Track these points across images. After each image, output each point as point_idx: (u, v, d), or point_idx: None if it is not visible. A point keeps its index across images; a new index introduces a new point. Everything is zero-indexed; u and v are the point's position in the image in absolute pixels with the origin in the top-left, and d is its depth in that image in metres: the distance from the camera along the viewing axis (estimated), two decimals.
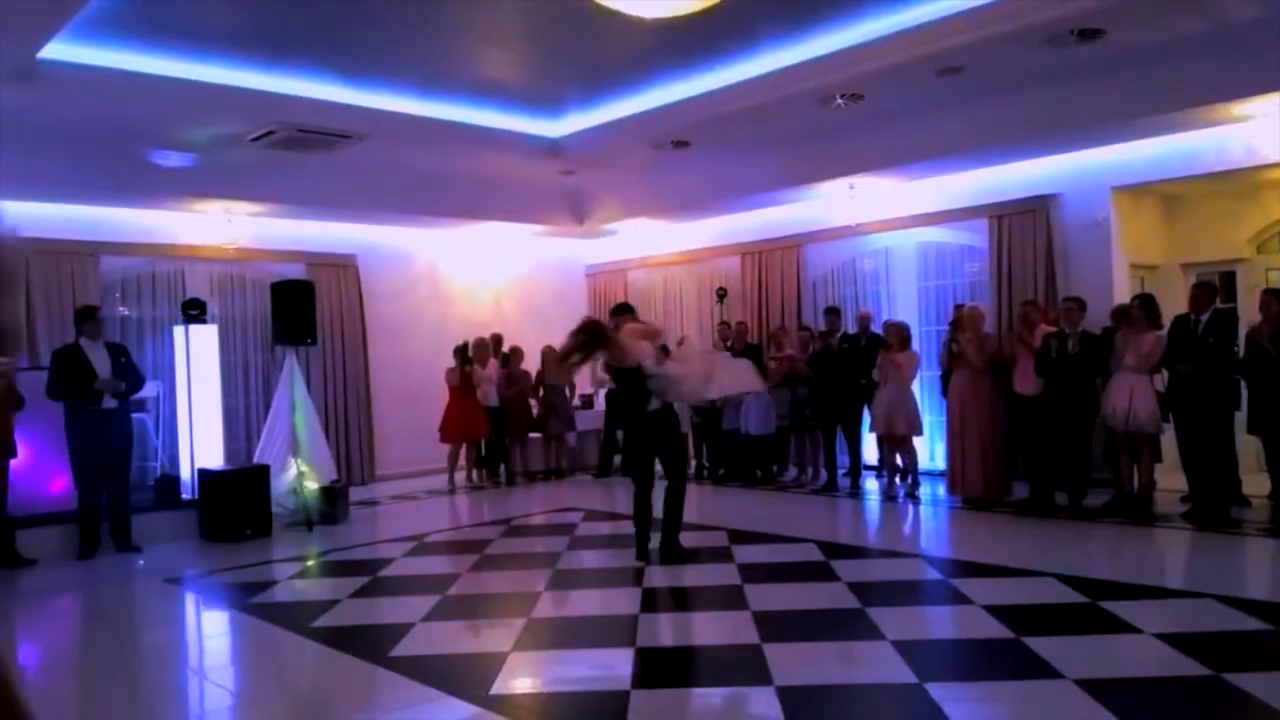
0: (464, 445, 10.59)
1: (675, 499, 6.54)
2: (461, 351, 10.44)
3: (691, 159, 9.89)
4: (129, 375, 7.49)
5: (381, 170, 9.91)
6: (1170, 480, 7.70)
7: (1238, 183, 8.52)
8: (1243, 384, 7.17)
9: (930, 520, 8.06)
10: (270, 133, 8.29)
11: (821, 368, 9.43)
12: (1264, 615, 4.74)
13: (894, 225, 10.19)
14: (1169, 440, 7.53)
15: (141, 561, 7.29)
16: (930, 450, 9.84)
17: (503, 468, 10.95)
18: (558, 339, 12.04)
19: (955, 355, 8.19)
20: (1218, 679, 3.91)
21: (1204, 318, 7.03)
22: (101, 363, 7.32)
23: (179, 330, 8.69)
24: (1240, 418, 7.21)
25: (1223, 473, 7.04)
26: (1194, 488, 7.18)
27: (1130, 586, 5.38)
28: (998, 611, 4.97)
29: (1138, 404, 7.17)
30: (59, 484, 7.67)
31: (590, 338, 6.08)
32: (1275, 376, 6.72)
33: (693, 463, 10.80)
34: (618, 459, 10.78)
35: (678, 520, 6.56)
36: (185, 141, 8.58)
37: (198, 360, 8.59)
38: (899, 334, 8.70)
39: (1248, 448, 7.70)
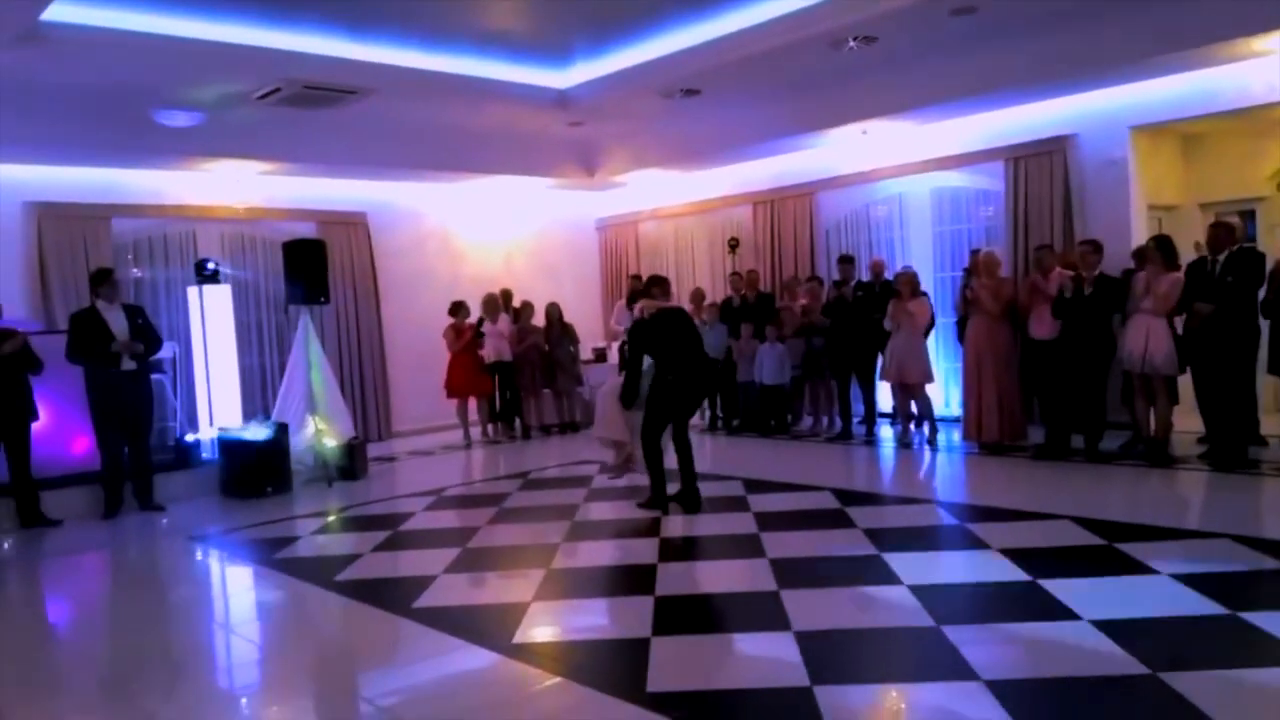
0: (471, 400, 10.64)
1: (686, 447, 6.60)
2: (458, 308, 10.47)
3: (702, 107, 9.77)
4: (147, 336, 7.53)
5: (389, 126, 9.83)
6: (1187, 422, 7.67)
7: (1258, 120, 8.34)
8: (1263, 323, 7.09)
9: (946, 466, 8.07)
10: (276, 90, 8.23)
11: (836, 316, 9.40)
12: None
13: (908, 170, 10.06)
14: (1186, 382, 7.49)
15: (165, 520, 7.40)
16: (945, 396, 9.83)
17: (518, 422, 11.03)
18: (569, 293, 12.24)
19: (971, 301, 8.13)
20: (1235, 618, 3.93)
21: (1221, 257, 6.94)
22: (118, 325, 7.36)
23: (193, 291, 8.72)
24: (1260, 358, 7.14)
25: (1241, 413, 7.00)
26: (1210, 430, 7.15)
27: (1146, 528, 5.39)
28: (1014, 555, 4.99)
29: (1154, 346, 7.12)
30: (81, 445, 7.76)
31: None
32: None
33: (707, 413, 10.84)
34: None
35: (693, 467, 6.62)
36: (192, 100, 8.52)
37: (212, 320, 8.62)
38: (909, 282, 8.63)
39: (1266, 387, 7.63)
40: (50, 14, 6.35)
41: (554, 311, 11.13)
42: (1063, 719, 3.22)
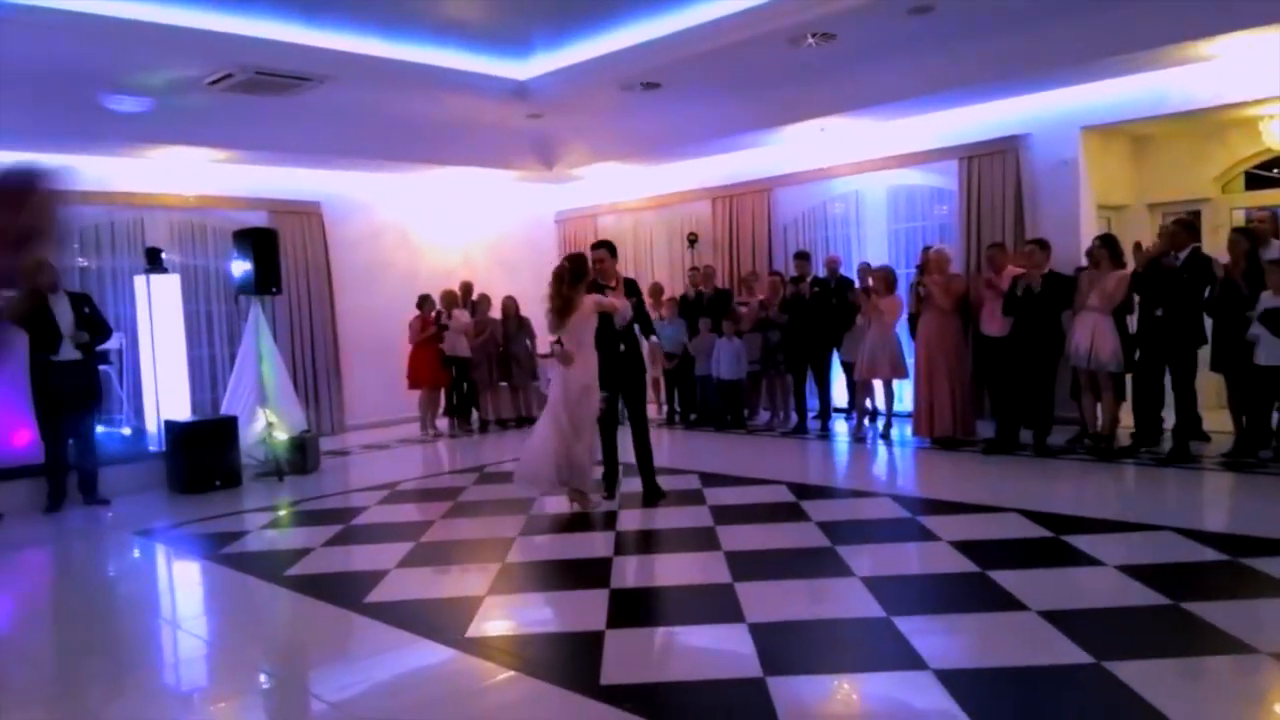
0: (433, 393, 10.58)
1: (644, 442, 6.64)
2: (424, 301, 10.40)
3: (661, 101, 9.76)
4: (93, 325, 7.35)
5: (344, 115, 9.69)
6: (1132, 419, 7.82)
7: (1205, 123, 8.55)
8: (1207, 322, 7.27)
9: (898, 460, 8.17)
10: (228, 76, 8.07)
11: (792, 312, 9.46)
12: (1221, 546, 4.87)
13: (864, 168, 10.15)
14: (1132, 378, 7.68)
15: (110, 514, 7.24)
16: (899, 391, 9.93)
17: (474, 416, 10.96)
18: (527, 287, 12.16)
19: (923, 297, 8.24)
20: (1176, 608, 4.02)
21: (1182, 255, 7.09)
22: (63, 314, 7.19)
23: (140, 280, 8.54)
24: (1203, 355, 7.31)
25: (1185, 410, 7.17)
26: (1148, 425, 7.33)
27: (1092, 521, 5.50)
28: (963, 547, 5.07)
29: (1100, 343, 7.26)
30: (23, 437, 7.56)
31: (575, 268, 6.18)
32: (1241, 315, 6.82)
33: (664, 408, 10.87)
34: None
35: (650, 462, 6.69)
36: (140, 85, 8.32)
37: (160, 311, 8.45)
38: (885, 279, 8.69)
39: (1209, 385, 7.82)
40: None
41: (510, 305, 11.07)
42: (1010, 707, 3.27)
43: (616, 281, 6.68)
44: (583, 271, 6.25)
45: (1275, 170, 8.80)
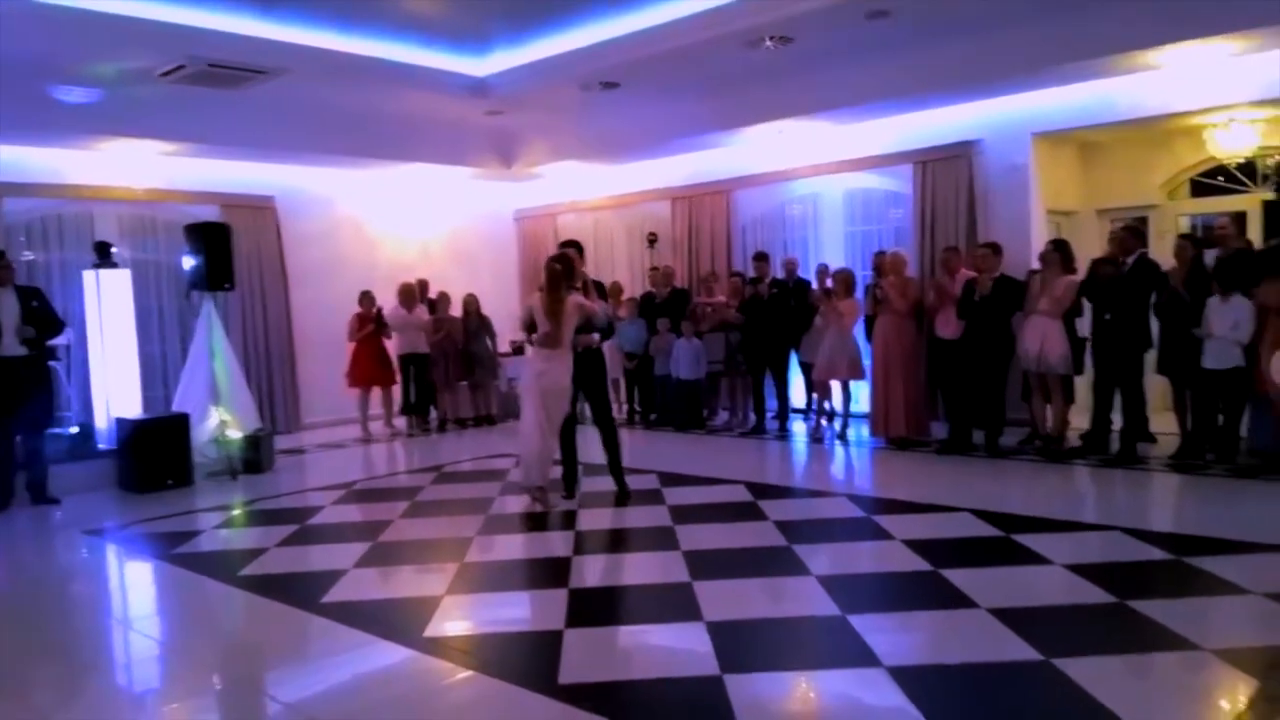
0: (376, 391, 10.47)
1: (614, 442, 6.73)
2: (364, 297, 10.32)
3: (621, 101, 9.77)
4: (42, 320, 7.18)
5: (300, 109, 9.57)
6: (1083, 420, 8.00)
7: (1152, 130, 8.76)
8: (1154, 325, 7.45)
9: (854, 460, 8.27)
10: (180, 67, 7.91)
11: (751, 313, 9.53)
12: (1166, 546, 5.00)
13: (822, 170, 10.24)
14: (1083, 381, 7.84)
15: (59, 513, 7.09)
16: (855, 392, 10.05)
17: (432, 415, 10.89)
18: (486, 285, 12.10)
19: (878, 300, 8.35)
20: (1122, 605, 4.13)
21: (1130, 260, 7.26)
22: (9, 309, 7.01)
23: (89, 274, 8.36)
24: (1149, 358, 7.49)
25: (1134, 411, 7.35)
26: (1098, 427, 7.50)
27: (1042, 520, 5.62)
28: (916, 546, 5.16)
29: (1049, 346, 7.41)
30: None
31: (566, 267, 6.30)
32: (1185, 320, 6.99)
33: (624, 407, 10.88)
34: None
35: (619, 462, 6.77)
36: (90, 76, 8.13)
37: (110, 306, 8.28)
38: (844, 281, 8.78)
39: (1156, 387, 8.01)
40: None
41: (471, 303, 11.01)
42: (960, 703, 3.34)
43: (583, 282, 6.70)
44: (572, 272, 6.41)
45: (1219, 178, 9.05)
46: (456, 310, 10.92)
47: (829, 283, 9.00)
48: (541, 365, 6.35)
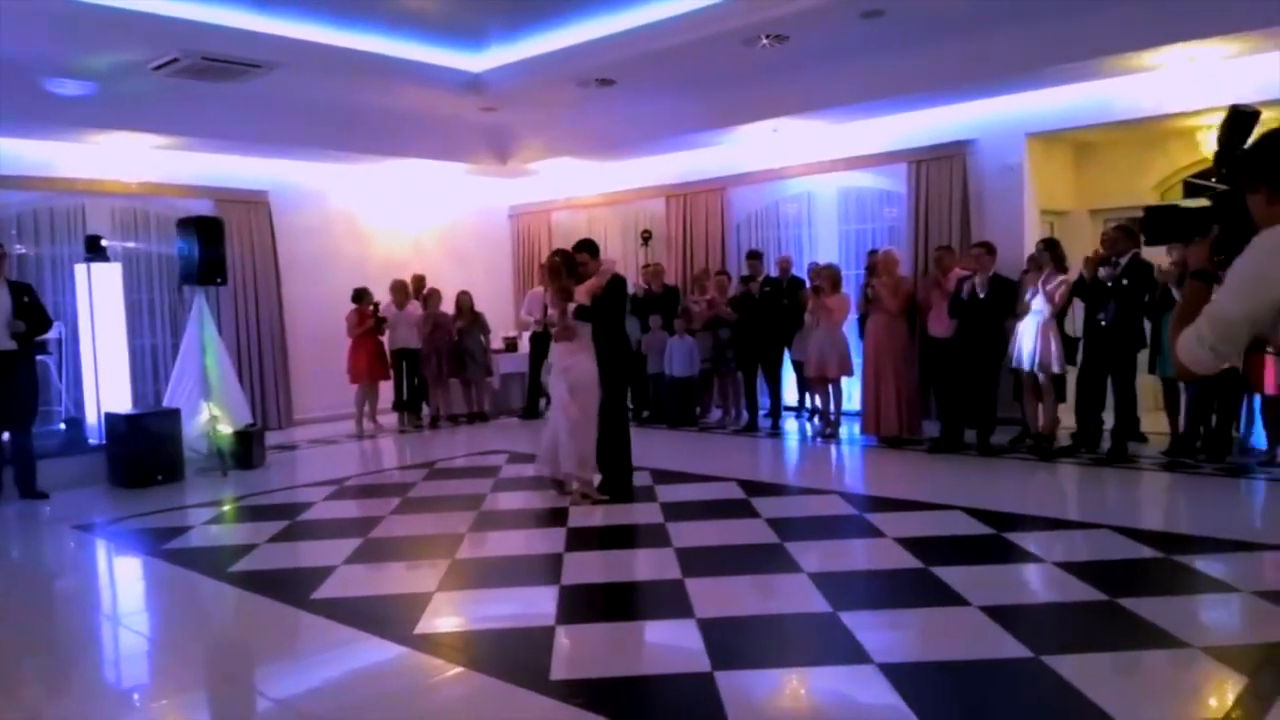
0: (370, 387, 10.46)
1: (625, 439, 6.75)
2: (360, 295, 10.28)
3: (616, 98, 9.76)
4: (32, 315, 7.15)
5: (294, 103, 9.55)
6: (1073, 419, 8.02)
7: (1147, 131, 8.78)
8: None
9: (846, 458, 8.28)
10: (174, 60, 7.89)
11: (743, 311, 9.53)
12: (1156, 544, 5.01)
13: (816, 169, 10.25)
14: (1071, 379, 7.86)
15: (48, 508, 7.06)
16: (846, 391, 10.06)
17: (425, 411, 10.87)
18: (480, 281, 12.08)
19: (871, 299, 8.36)
20: (1113, 603, 4.14)
21: (1123, 260, 7.27)
22: (1, 303, 6.97)
23: (80, 269, 8.33)
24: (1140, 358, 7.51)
25: (1125, 411, 7.37)
26: (1086, 426, 7.53)
27: (1033, 518, 5.65)
28: (908, 543, 5.16)
29: (1041, 346, 7.43)
30: None
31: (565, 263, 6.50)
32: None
33: None
34: (544, 402, 10.77)
35: (629, 461, 6.79)
36: (83, 69, 8.11)
37: (101, 300, 8.25)
38: (830, 277, 8.79)
39: (1146, 387, 8.05)
40: None
41: (464, 300, 10.99)
42: (951, 700, 3.34)
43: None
44: (574, 265, 6.55)
45: (1212, 179, 9.04)
46: (448, 306, 10.90)
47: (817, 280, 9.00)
48: (567, 360, 6.44)
